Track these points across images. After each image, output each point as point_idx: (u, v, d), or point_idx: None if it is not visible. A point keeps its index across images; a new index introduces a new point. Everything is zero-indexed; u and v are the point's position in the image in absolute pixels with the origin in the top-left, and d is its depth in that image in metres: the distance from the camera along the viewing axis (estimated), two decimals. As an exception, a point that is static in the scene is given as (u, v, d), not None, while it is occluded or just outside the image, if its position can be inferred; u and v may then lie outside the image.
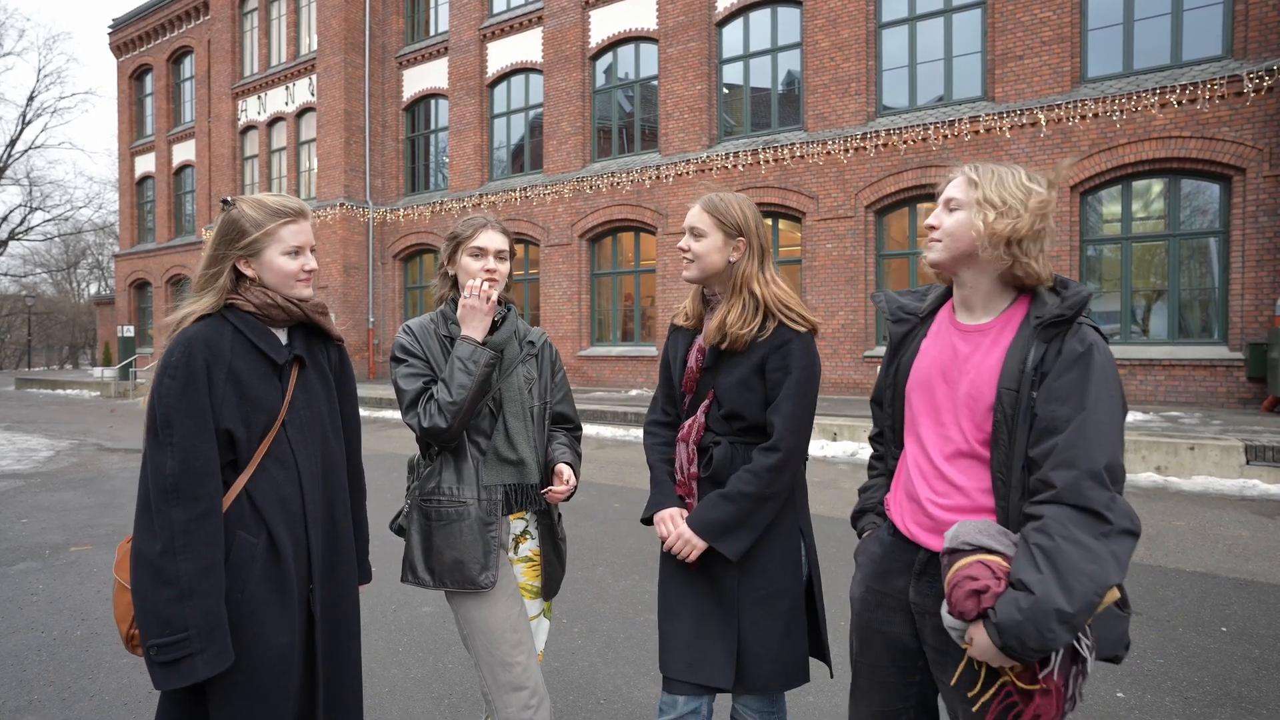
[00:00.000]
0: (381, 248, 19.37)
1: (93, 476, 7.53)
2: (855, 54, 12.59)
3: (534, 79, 16.91)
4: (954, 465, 1.37)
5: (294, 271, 1.58)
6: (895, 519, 1.49)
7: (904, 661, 1.45)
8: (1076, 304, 1.27)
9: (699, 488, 1.78)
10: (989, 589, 1.20)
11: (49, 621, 3.59)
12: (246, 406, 1.49)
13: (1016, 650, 1.16)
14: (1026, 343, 1.30)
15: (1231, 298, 9.89)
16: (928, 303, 1.54)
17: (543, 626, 2.02)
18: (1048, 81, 11.02)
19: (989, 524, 1.28)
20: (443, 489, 1.84)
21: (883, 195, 12.23)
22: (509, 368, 1.90)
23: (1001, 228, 1.31)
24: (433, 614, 3.65)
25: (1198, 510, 5.64)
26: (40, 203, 41.48)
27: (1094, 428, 1.19)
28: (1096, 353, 1.24)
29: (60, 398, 20.05)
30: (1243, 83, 9.60)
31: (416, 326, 1.92)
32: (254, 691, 1.46)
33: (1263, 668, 2.97)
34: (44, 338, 46.51)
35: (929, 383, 1.43)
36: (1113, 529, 1.17)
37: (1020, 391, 1.27)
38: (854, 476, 7.11)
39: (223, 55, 21.85)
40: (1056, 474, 1.20)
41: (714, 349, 1.76)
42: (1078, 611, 1.14)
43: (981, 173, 1.38)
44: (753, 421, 1.74)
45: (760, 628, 1.71)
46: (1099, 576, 1.14)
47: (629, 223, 15.15)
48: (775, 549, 1.74)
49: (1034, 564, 1.17)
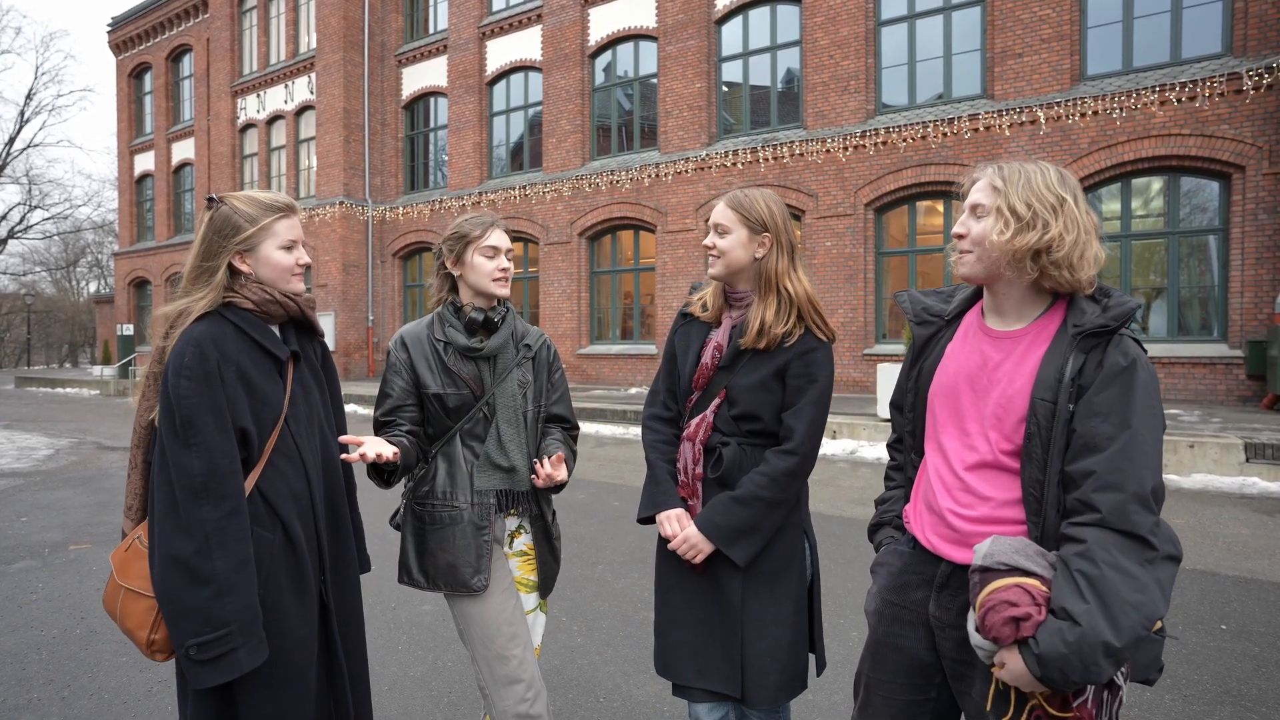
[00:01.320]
0: (381, 246, 19.36)
1: (92, 475, 7.53)
2: (854, 52, 12.57)
3: (533, 77, 16.89)
4: (979, 476, 1.30)
5: (290, 266, 1.59)
6: (915, 531, 1.42)
7: (920, 678, 1.38)
8: (1121, 315, 1.20)
9: (704, 489, 1.74)
10: (1030, 617, 1.14)
11: (48, 620, 3.59)
12: (255, 404, 1.50)
13: (1057, 682, 1.12)
14: (1064, 352, 1.22)
15: (1231, 295, 9.89)
16: (954, 304, 1.46)
17: (539, 621, 2.02)
18: (1047, 79, 11.01)
19: (1025, 542, 1.21)
20: (436, 492, 1.84)
21: (882, 193, 12.22)
22: (504, 373, 1.88)
23: (1024, 242, 1.22)
24: (432, 612, 3.65)
25: (1197, 508, 5.64)
26: (39, 201, 41.46)
27: (1139, 449, 1.14)
28: (1140, 369, 1.18)
29: (60, 396, 20.03)
30: (1242, 80, 9.59)
31: (410, 335, 1.89)
32: (280, 682, 1.49)
33: (1262, 665, 2.97)
34: (43, 336, 46.47)
35: (954, 389, 1.36)
36: (1158, 555, 1.12)
37: (1057, 404, 1.20)
38: (853, 474, 7.12)
39: (222, 53, 21.82)
40: (1100, 496, 1.14)
41: (733, 347, 1.73)
42: (1125, 646, 1.09)
43: (1008, 175, 1.28)
44: (766, 425, 1.71)
45: (767, 636, 1.69)
46: (1146, 608, 1.10)
47: (628, 221, 15.14)
48: (782, 553, 1.72)
49: (1079, 593, 1.11)
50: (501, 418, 1.85)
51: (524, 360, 1.93)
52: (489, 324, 1.87)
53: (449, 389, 1.83)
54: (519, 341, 1.94)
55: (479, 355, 1.85)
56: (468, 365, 1.86)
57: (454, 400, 1.84)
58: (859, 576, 4.02)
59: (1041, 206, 1.23)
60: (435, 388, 1.84)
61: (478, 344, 1.85)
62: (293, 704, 1.51)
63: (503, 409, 1.86)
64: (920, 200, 12.37)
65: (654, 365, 14.44)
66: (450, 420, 1.86)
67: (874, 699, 1.44)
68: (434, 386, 1.84)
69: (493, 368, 1.88)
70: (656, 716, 2.64)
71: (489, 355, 1.86)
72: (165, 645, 1.46)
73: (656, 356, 14.41)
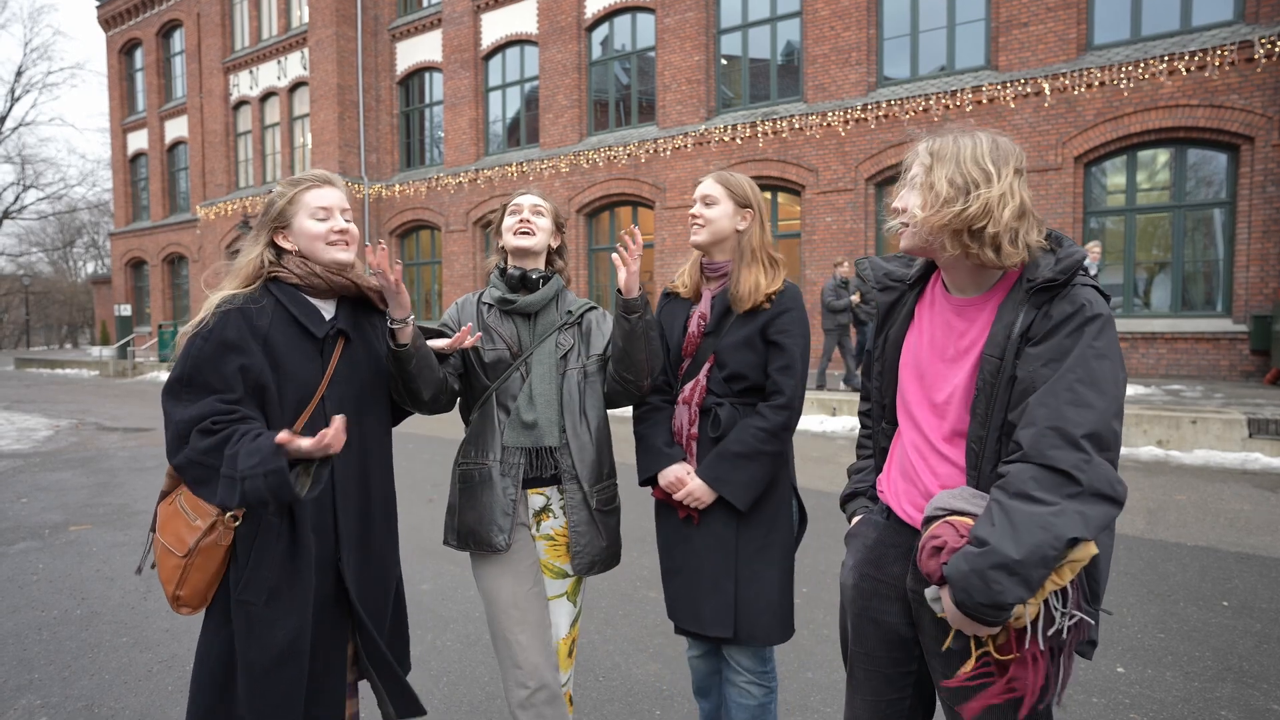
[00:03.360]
0: (378, 224, 19.20)
1: (92, 456, 7.53)
2: (856, 22, 12.34)
3: (529, 51, 16.62)
4: (954, 445, 1.28)
5: (323, 233, 1.60)
6: (891, 502, 1.40)
7: (899, 651, 1.38)
8: (1069, 268, 1.17)
9: (699, 448, 1.86)
10: (947, 545, 1.14)
11: (49, 601, 3.59)
12: (278, 376, 1.50)
13: (965, 604, 1.10)
14: (1015, 308, 1.20)
15: (1236, 270, 9.81)
16: (915, 268, 1.44)
17: (564, 608, 1.92)
18: (1053, 49, 10.81)
19: (964, 489, 1.22)
20: (469, 452, 1.88)
21: (883, 168, 12.07)
22: (543, 335, 1.90)
23: (941, 219, 1.19)
24: (431, 591, 3.65)
25: (1199, 484, 5.63)
26: (33, 181, 41.16)
27: (1067, 385, 1.10)
28: (1088, 311, 1.14)
29: (60, 377, 20.04)
30: (1254, 48, 9.40)
31: (463, 299, 2.01)
32: (267, 671, 1.48)
33: (1264, 642, 2.96)
34: (42, 317, 46.40)
35: (921, 360, 1.34)
36: (1083, 491, 1.07)
37: (1004, 359, 1.19)
38: (852, 452, 7.09)
39: (213, 29, 21.45)
40: (1023, 433, 1.12)
41: (717, 314, 1.88)
42: (1025, 560, 1.05)
43: (938, 148, 1.24)
44: (754, 382, 1.85)
45: (759, 579, 1.81)
46: (1055, 527, 1.05)
47: (627, 197, 15.00)
48: (775, 502, 1.86)
49: (990, 519, 1.11)
50: (536, 374, 1.87)
51: (566, 325, 1.93)
52: (527, 281, 1.90)
53: (485, 344, 1.88)
54: (563, 310, 1.96)
55: (515, 310, 1.89)
56: (506, 324, 1.90)
57: (489, 355, 1.87)
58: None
59: (965, 181, 1.19)
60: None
61: (514, 297, 1.89)
62: (286, 689, 1.49)
63: (538, 367, 1.87)
64: (922, 174, 12.22)
65: (654, 343, 14.36)
66: (487, 379, 1.88)
67: (857, 671, 1.45)
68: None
69: (532, 330, 1.90)
70: (656, 695, 2.64)
71: (526, 312, 1.89)
72: (190, 600, 1.50)
73: (656, 334, 14.34)
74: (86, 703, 2.61)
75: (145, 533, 4.71)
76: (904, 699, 1.40)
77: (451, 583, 3.76)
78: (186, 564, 1.47)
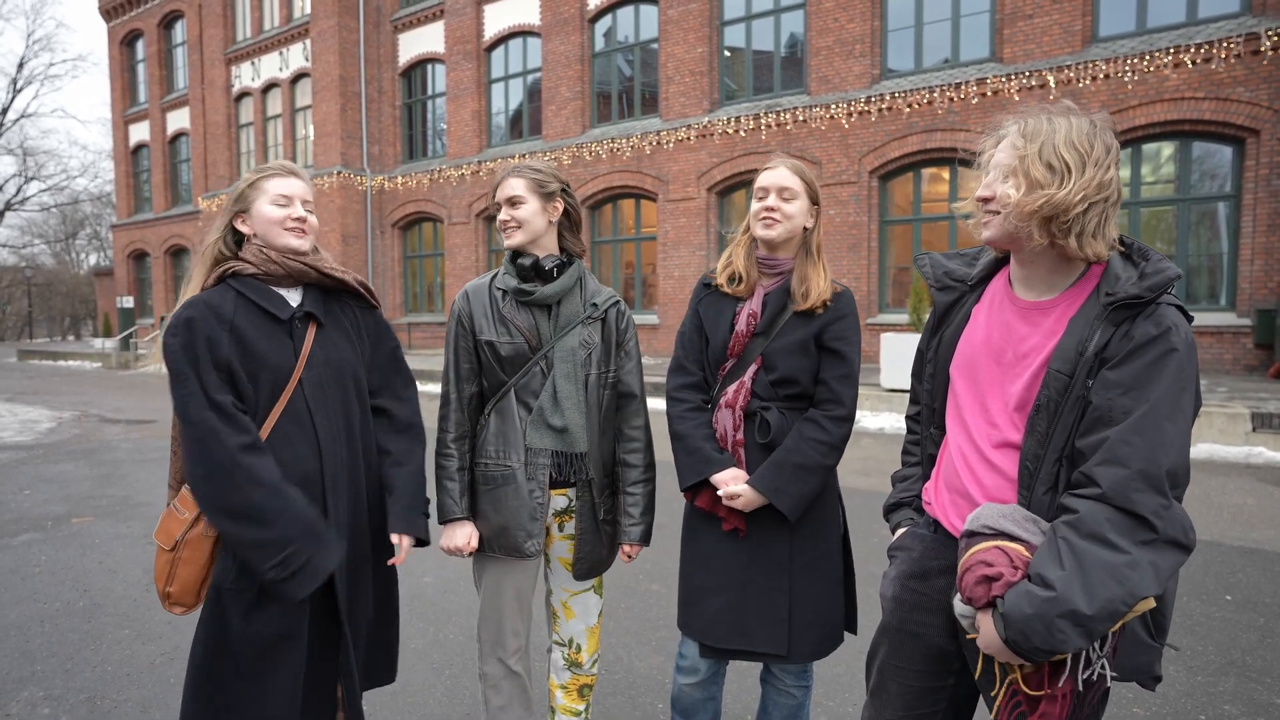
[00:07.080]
0: (380, 216, 19.17)
1: (94, 448, 7.53)
2: (860, 14, 12.26)
3: (532, 42, 16.54)
4: (1004, 455, 1.21)
5: (280, 219, 1.60)
6: (937, 513, 1.34)
7: (937, 665, 1.33)
8: (1158, 285, 1.08)
9: (747, 454, 1.77)
10: (1001, 577, 1.09)
11: (51, 593, 3.59)
12: (250, 362, 1.52)
13: (1020, 645, 1.06)
14: (1091, 323, 1.12)
15: (1241, 263, 9.76)
16: (979, 268, 1.35)
17: (592, 600, 1.92)
18: (1058, 41, 10.73)
19: (1016, 509, 1.15)
20: (489, 450, 1.79)
21: (887, 160, 12.02)
22: (565, 328, 1.78)
23: (1031, 204, 1.11)
24: (433, 584, 3.65)
25: (1202, 478, 5.61)
26: (35, 172, 41.13)
27: (1155, 424, 1.04)
28: (1174, 337, 1.06)
29: (62, 369, 20.05)
30: (1260, 40, 9.33)
31: (473, 286, 1.86)
32: (250, 663, 1.50)
33: (1267, 636, 2.95)
34: (45, 309, 46.40)
35: (976, 363, 1.27)
36: (1158, 538, 1.02)
37: (1074, 378, 1.11)
38: (855, 445, 7.10)
39: (214, 19, 21.37)
40: (1103, 470, 1.05)
41: (770, 313, 1.78)
42: (1096, 616, 1.01)
43: (1030, 131, 1.16)
44: (804, 388, 1.77)
45: (811, 592, 1.75)
46: (1130, 583, 1.01)
47: (629, 190, 14.94)
48: (824, 511, 1.79)
49: (1058, 559, 1.05)
50: (559, 373, 1.76)
51: (590, 320, 1.82)
52: (540, 270, 1.79)
53: (502, 336, 1.77)
54: (587, 300, 1.85)
55: (532, 301, 1.77)
56: (523, 314, 1.78)
57: (507, 349, 1.76)
58: (859, 547, 3.99)
59: (1061, 165, 1.11)
60: (489, 334, 1.78)
61: (530, 289, 1.78)
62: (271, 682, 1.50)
63: (560, 364, 1.76)
64: (925, 168, 12.16)
65: (655, 335, 14.38)
66: (505, 373, 1.78)
67: (888, 684, 1.39)
68: (487, 333, 1.78)
69: (552, 321, 1.79)
70: (658, 688, 2.64)
71: (543, 303, 1.78)
72: (179, 598, 1.52)
73: (658, 326, 14.35)
74: (89, 695, 2.61)
75: (147, 524, 4.73)
76: (937, 712, 1.36)
77: (453, 575, 3.76)
78: (174, 558, 1.49)
